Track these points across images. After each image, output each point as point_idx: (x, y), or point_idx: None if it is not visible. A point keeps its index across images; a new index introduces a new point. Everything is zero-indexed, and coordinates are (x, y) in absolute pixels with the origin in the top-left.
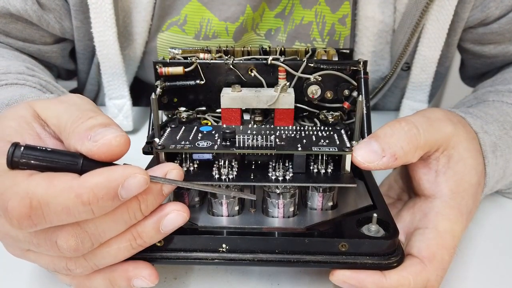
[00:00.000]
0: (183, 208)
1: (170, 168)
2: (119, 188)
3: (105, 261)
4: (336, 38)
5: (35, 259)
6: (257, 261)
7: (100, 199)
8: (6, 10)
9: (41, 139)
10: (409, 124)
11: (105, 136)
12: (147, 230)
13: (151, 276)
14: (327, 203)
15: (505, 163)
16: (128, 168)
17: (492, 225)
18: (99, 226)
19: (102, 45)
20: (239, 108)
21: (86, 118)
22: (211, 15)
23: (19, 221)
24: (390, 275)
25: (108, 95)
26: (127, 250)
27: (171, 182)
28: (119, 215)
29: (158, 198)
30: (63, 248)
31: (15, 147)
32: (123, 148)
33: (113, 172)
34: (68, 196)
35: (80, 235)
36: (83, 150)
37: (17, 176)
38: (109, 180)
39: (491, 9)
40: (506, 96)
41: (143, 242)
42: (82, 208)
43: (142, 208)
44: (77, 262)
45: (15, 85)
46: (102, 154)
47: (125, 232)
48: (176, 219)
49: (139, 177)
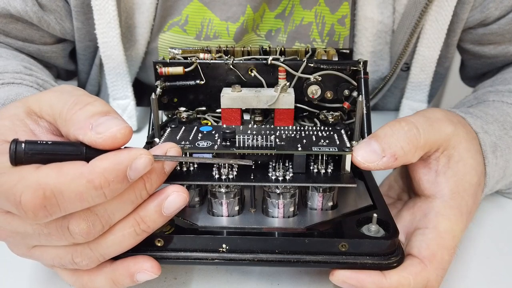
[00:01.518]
0: (182, 189)
1: (169, 147)
2: (127, 170)
3: (110, 250)
4: (335, 38)
5: (40, 255)
6: (257, 261)
7: (111, 182)
8: (6, 11)
9: (36, 135)
10: (409, 124)
11: (110, 128)
12: (149, 213)
13: (153, 267)
14: (327, 203)
15: (505, 163)
16: (132, 150)
17: (492, 225)
18: (108, 208)
19: (106, 46)
20: (239, 108)
21: (83, 104)
22: (212, 15)
23: (35, 213)
24: (390, 275)
25: (112, 96)
26: (131, 236)
27: (172, 159)
28: (126, 196)
29: (161, 176)
30: (74, 233)
31: (16, 143)
32: (127, 139)
33: (120, 156)
34: (80, 182)
35: (90, 217)
36: (86, 140)
37: (24, 171)
38: (118, 163)
39: (491, 10)
40: (506, 96)
41: (146, 227)
42: (95, 192)
43: (147, 187)
44: (83, 253)
45: (12, 84)
46: (107, 146)
47: (129, 217)
48: (176, 200)
49: (145, 157)
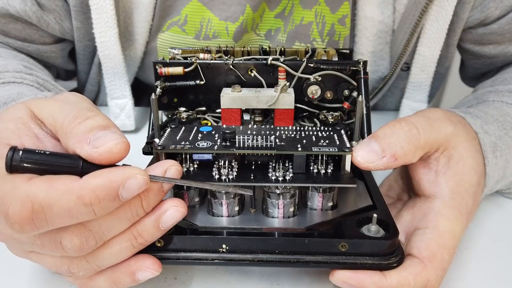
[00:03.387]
0: (181, 204)
1: (169, 165)
2: (120, 189)
3: (107, 262)
4: (335, 38)
5: (38, 260)
6: (257, 261)
7: (101, 200)
8: (5, 11)
9: (39, 139)
10: (409, 124)
11: (106, 143)
12: (147, 228)
13: (154, 264)
14: (327, 203)
15: (505, 163)
16: (128, 169)
17: (492, 225)
18: (102, 224)
19: (104, 45)
20: (239, 108)
21: (83, 118)
22: (212, 14)
23: (21, 225)
24: (390, 275)
25: (110, 95)
26: (128, 249)
27: (170, 181)
28: (122, 213)
29: (159, 195)
30: (67, 248)
31: (14, 151)
32: (123, 154)
33: (113, 174)
34: (69, 198)
35: (84, 233)
36: (83, 154)
37: (17, 181)
38: (110, 181)
39: (491, 10)
40: (506, 96)
41: (144, 240)
42: (84, 209)
43: (144, 205)
44: (79, 264)
45: (13, 83)
46: (103, 160)
47: (126, 232)
48: (174, 214)
49: (139, 177)
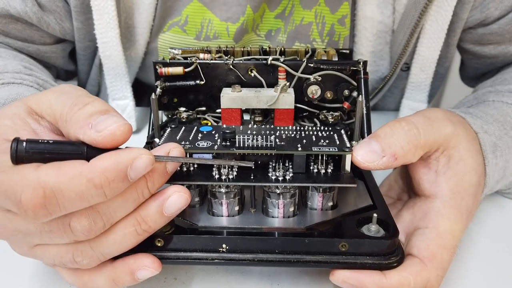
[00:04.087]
0: (184, 190)
1: (172, 147)
2: (128, 170)
3: (111, 249)
4: (335, 38)
5: (42, 254)
6: (257, 261)
7: (111, 181)
8: (6, 11)
9: (37, 134)
10: (409, 124)
11: (109, 126)
12: (151, 213)
13: (154, 263)
14: (327, 203)
15: (505, 163)
16: (133, 150)
17: (492, 225)
18: (110, 205)
19: (105, 46)
20: (239, 108)
21: (82, 105)
22: (212, 15)
23: (35, 212)
24: (390, 275)
25: (111, 96)
26: (132, 236)
27: (173, 160)
28: (128, 194)
29: (163, 176)
30: (76, 230)
31: (17, 142)
32: (127, 136)
33: (120, 155)
34: (80, 181)
35: (92, 215)
36: (86, 139)
37: (25, 170)
38: (118, 163)
39: (491, 10)
40: (506, 96)
41: (147, 227)
42: (95, 191)
43: (149, 186)
44: (84, 252)
45: (12, 84)
46: (107, 143)
47: (130, 217)
48: (178, 200)
49: (145, 157)
